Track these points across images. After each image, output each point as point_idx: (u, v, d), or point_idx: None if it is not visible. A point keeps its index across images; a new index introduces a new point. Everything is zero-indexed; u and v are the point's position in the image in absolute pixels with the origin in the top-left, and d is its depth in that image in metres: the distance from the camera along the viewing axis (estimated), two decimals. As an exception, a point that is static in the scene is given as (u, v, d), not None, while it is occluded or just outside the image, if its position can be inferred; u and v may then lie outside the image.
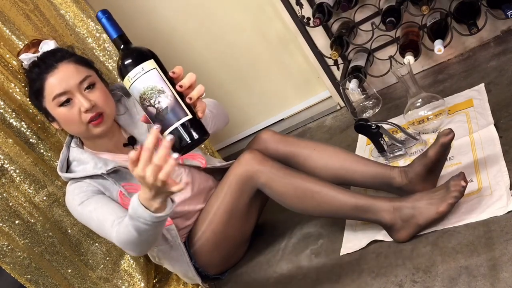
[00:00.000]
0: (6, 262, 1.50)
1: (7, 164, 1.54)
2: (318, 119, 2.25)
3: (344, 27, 1.87)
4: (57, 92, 1.29)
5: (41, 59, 1.33)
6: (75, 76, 1.31)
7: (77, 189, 1.35)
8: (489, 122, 1.41)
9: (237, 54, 2.29)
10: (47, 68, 1.30)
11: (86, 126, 1.33)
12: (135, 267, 1.71)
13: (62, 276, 1.59)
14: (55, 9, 1.74)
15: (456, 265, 1.04)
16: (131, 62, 0.94)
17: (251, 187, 1.39)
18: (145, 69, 0.94)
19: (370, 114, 1.54)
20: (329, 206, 1.27)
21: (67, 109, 1.31)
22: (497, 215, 1.10)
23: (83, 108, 1.30)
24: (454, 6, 1.67)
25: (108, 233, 1.27)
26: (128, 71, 0.94)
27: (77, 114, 1.31)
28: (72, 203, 1.35)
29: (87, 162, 1.38)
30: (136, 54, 0.95)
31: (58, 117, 1.34)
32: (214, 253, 1.48)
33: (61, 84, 1.29)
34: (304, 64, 2.21)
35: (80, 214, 1.34)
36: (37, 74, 1.31)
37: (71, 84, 1.30)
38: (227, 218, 1.43)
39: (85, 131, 1.35)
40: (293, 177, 1.32)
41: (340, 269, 1.27)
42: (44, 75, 1.30)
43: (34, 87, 1.33)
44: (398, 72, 1.49)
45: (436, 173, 1.28)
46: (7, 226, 1.52)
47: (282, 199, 1.34)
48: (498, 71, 1.64)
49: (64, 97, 1.30)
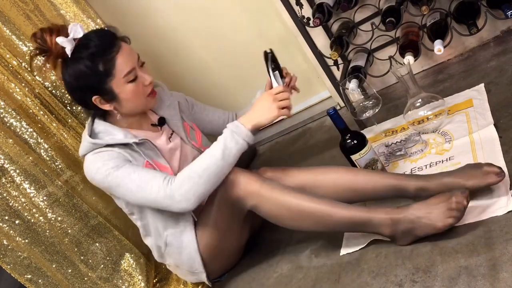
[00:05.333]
0: (6, 262, 1.50)
1: (7, 164, 1.54)
2: (318, 119, 2.25)
3: (344, 27, 1.87)
4: (128, 70, 1.35)
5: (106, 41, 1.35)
6: (135, 54, 1.40)
7: (107, 156, 1.35)
8: (489, 122, 1.41)
9: (237, 54, 2.29)
10: (116, 48, 1.34)
11: (146, 99, 1.42)
12: (135, 267, 1.71)
13: (62, 276, 1.59)
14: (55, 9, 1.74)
15: (456, 265, 1.04)
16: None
17: (241, 209, 1.37)
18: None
19: (370, 114, 1.54)
20: (325, 224, 1.25)
21: (135, 84, 1.37)
22: (497, 215, 1.10)
23: (146, 82, 1.40)
24: (454, 6, 1.66)
25: (155, 188, 1.30)
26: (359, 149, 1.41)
27: (142, 88, 1.40)
28: (101, 169, 1.34)
29: (116, 133, 1.40)
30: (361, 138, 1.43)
31: (125, 94, 1.37)
32: (211, 262, 1.47)
33: (130, 62, 1.36)
34: (304, 64, 2.21)
35: (114, 177, 1.33)
36: (107, 55, 1.33)
37: (134, 62, 1.38)
38: (220, 236, 1.42)
39: (145, 104, 1.44)
40: (285, 196, 1.28)
41: (340, 269, 1.27)
42: (114, 55, 1.33)
43: (98, 68, 1.33)
44: (398, 72, 1.49)
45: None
46: (7, 226, 1.52)
47: (276, 220, 1.33)
48: (498, 71, 1.64)
49: (132, 74, 1.36)
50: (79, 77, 1.35)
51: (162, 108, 1.56)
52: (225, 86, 2.36)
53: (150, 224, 1.46)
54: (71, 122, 1.76)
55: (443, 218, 1.10)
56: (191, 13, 2.21)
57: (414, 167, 1.46)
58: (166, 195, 1.29)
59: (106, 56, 1.33)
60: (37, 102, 1.67)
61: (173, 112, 1.57)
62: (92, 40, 1.34)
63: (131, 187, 1.33)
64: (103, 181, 1.35)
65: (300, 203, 1.26)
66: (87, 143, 1.38)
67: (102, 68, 1.33)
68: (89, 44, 1.34)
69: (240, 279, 1.51)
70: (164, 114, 1.55)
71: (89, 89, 1.36)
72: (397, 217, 1.16)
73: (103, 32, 1.39)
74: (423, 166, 1.43)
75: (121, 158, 1.35)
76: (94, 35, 1.37)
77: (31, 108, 1.64)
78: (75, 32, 1.35)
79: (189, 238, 1.44)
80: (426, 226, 1.12)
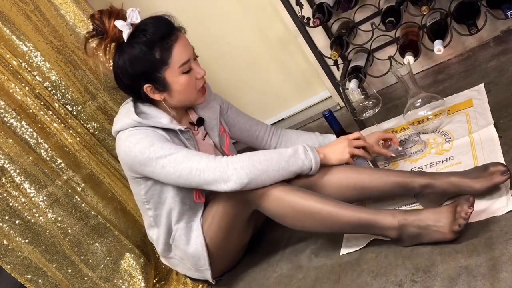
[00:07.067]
0: (6, 262, 1.50)
1: (7, 164, 1.54)
2: (318, 119, 2.25)
3: (344, 27, 1.87)
4: (185, 60, 1.34)
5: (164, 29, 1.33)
6: (191, 46, 1.38)
7: (152, 133, 1.32)
8: (489, 122, 1.41)
9: (237, 54, 2.29)
10: (174, 37, 1.33)
11: (196, 94, 1.41)
12: (135, 267, 1.71)
13: (62, 276, 1.59)
14: (56, 9, 1.74)
15: (455, 265, 1.04)
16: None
17: (245, 208, 1.36)
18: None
19: (370, 114, 1.54)
20: (331, 225, 1.24)
21: (188, 76, 1.36)
22: (497, 215, 1.10)
23: (199, 76, 1.38)
24: (453, 6, 1.67)
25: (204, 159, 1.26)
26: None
27: (195, 81, 1.38)
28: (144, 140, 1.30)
29: (161, 117, 1.38)
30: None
31: (179, 84, 1.36)
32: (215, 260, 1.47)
33: (187, 52, 1.35)
34: (304, 64, 2.21)
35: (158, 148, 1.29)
36: (165, 43, 1.32)
37: (190, 53, 1.37)
38: (224, 235, 1.42)
39: (194, 98, 1.41)
40: (290, 196, 1.27)
41: (340, 269, 1.27)
42: (172, 44, 1.32)
43: (155, 56, 1.32)
44: (398, 72, 1.49)
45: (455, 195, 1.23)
46: (7, 226, 1.52)
47: (281, 220, 1.31)
48: (498, 71, 1.64)
49: (188, 65, 1.35)
50: (134, 62, 1.33)
51: (204, 108, 1.54)
52: (225, 86, 2.36)
53: (162, 216, 1.45)
54: (71, 122, 1.76)
55: (451, 227, 1.09)
56: (191, 13, 2.21)
57: (414, 167, 1.46)
58: (218, 166, 1.25)
59: (164, 44, 1.32)
60: (37, 102, 1.67)
61: (213, 115, 1.54)
62: (150, 26, 1.33)
63: (176, 157, 1.28)
64: (143, 152, 1.29)
65: (306, 204, 1.25)
66: (130, 120, 1.34)
67: (159, 56, 1.32)
68: (147, 31, 1.32)
69: (240, 279, 1.51)
70: (204, 115, 1.53)
71: (143, 76, 1.34)
72: (404, 220, 1.15)
73: (161, 20, 1.37)
74: (423, 166, 1.43)
75: (164, 139, 1.32)
76: (153, 22, 1.35)
77: (31, 108, 1.64)
78: (133, 17, 1.34)
79: (197, 233, 1.43)
80: (434, 233, 1.12)
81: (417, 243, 1.16)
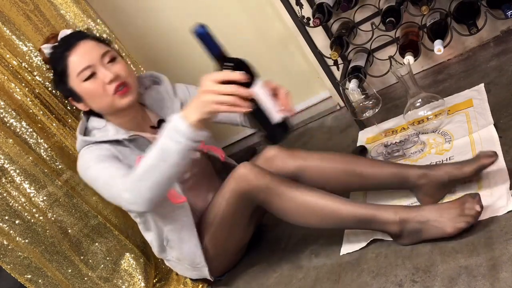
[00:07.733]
0: (6, 262, 1.50)
1: (7, 164, 1.54)
2: (318, 119, 2.25)
3: (344, 27, 1.87)
4: (81, 67, 1.32)
5: (62, 41, 1.37)
6: (97, 50, 1.35)
7: (97, 151, 1.34)
8: (489, 122, 1.41)
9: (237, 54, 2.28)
10: (69, 47, 1.34)
11: (112, 98, 1.35)
12: (135, 267, 1.71)
13: (62, 276, 1.59)
14: (56, 9, 1.74)
15: (455, 265, 1.04)
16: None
17: (249, 203, 1.35)
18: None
19: (370, 114, 1.54)
20: (333, 220, 1.24)
21: (91, 82, 1.33)
22: (497, 215, 1.10)
23: (106, 79, 1.32)
24: (453, 6, 1.67)
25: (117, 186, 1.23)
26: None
27: (102, 87, 1.33)
28: (86, 163, 1.33)
29: (108, 130, 1.40)
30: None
31: (84, 93, 1.36)
32: (213, 260, 1.47)
33: (84, 59, 1.33)
34: (304, 64, 2.21)
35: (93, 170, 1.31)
36: (60, 54, 1.34)
37: (93, 58, 1.33)
38: (226, 232, 1.42)
39: (111, 103, 1.36)
40: (294, 192, 1.27)
41: (340, 269, 1.27)
42: (66, 54, 1.33)
43: (58, 69, 1.36)
44: (398, 72, 1.49)
45: (451, 189, 1.25)
46: (7, 226, 1.52)
47: (283, 215, 1.32)
48: (498, 71, 1.64)
49: (88, 71, 1.33)
50: (51, 81, 1.40)
51: (163, 108, 1.52)
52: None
53: (149, 221, 1.46)
54: (71, 122, 1.75)
55: (454, 223, 1.09)
56: (191, 13, 2.21)
57: (414, 167, 1.46)
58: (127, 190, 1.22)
59: (61, 55, 1.34)
60: (37, 102, 1.67)
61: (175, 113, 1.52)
62: (58, 42, 1.38)
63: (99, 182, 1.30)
64: (84, 175, 1.35)
65: (308, 199, 1.26)
66: (79, 140, 1.39)
67: (60, 68, 1.35)
68: (55, 46, 1.38)
69: (240, 278, 1.51)
70: (164, 115, 1.50)
71: (62, 91, 1.41)
72: (406, 216, 1.16)
73: (70, 34, 1.40)
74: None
75: (108, 155, 1.33)
76: (63, 37, 1.39)
77: (31, 108, 1.64)
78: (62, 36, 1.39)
79: (190, 233, 1.43)
80: (435, 229, 1.12)
81: (418, 240, 1.16)
